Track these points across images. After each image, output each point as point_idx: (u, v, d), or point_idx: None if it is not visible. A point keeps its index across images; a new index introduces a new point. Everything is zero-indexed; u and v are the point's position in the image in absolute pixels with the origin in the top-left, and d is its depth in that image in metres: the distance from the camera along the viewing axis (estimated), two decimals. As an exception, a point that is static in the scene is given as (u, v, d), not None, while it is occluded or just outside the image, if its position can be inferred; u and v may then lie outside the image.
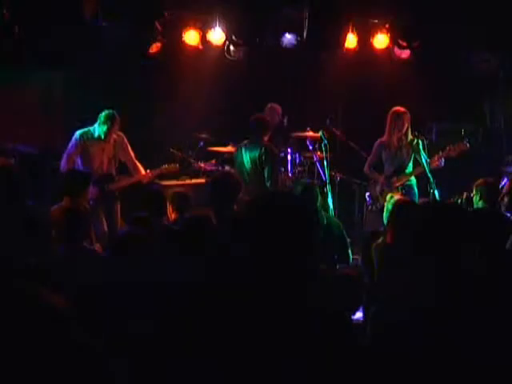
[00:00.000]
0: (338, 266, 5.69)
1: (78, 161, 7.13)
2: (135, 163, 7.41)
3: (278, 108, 8.90)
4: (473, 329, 2.96)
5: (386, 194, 7.41)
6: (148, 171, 7.40)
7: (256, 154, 7.21)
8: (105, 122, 7.08)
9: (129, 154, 7.37)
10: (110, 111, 7.11)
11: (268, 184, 7.07)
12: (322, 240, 5.54)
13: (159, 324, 3.24)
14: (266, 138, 7.44)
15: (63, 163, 7.10)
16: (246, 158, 7.37)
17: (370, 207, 7.71)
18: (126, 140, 7.36)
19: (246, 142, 7.43)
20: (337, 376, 2.38)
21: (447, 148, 7.33)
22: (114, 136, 7.21)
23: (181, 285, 3.95)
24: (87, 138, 7.14)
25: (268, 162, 7.11)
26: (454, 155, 7.29)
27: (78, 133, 7.18)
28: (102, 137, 7.11)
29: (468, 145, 7.33)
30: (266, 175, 7.09)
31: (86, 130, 7.21)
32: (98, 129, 7.12)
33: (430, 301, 3.03)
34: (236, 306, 2.35)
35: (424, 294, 3.07)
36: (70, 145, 7.16)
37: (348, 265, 5.92)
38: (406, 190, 7.33)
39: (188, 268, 4.04)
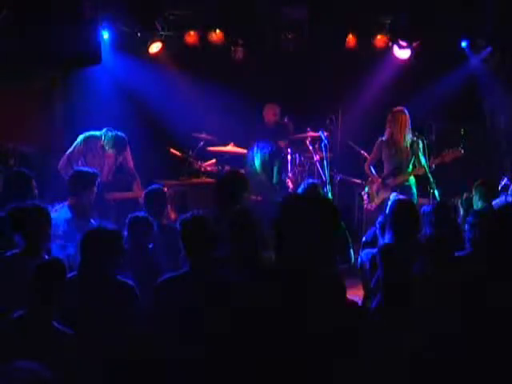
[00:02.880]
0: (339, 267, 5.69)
1: (79, 164, 7.07)
2: (134, 174, 7.32)
3: (276, 108, 8.90)
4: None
5: (382, 194, 7.45)
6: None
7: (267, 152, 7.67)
8: (113, 147, 7.03)
9: (129, 162, 7.30)
10: (122, 138, 7.04)
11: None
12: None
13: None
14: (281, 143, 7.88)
15: (62, 163, 7.06)
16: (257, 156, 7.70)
17: (366, 205, 7.72)
18: (128, 149, 7.28)
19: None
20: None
21: (442, 153, 7.31)
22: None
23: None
24: (91, 146, 7.08)
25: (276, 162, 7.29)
26: (448, 161, 7.28)
27: (82, 137, 7.11)
28: (107, 151, 7.08)
29: (462, 151, 7.31)
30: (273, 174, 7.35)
31: (91, 135, 7.11)
32: (105, 143, 7.05)
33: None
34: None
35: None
36: (72, 147, 7.09)
37: (350, 265, 5.91)
38: (404, 190, 7.33)
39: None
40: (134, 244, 4.77)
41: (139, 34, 8.72)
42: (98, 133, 7.10)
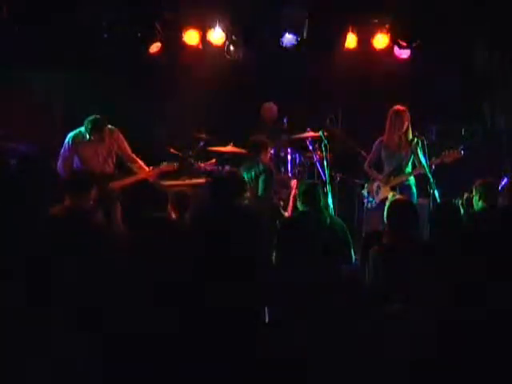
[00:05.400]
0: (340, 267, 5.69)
1: (76, 162, 7.15)
2: (133, 158, 7.38)
3: (274, 106, 8.91)
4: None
5: (382, 193, 7.45)
6: (150, 168, 7.41)
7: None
8: (89, 129, 7.08)
9: (125, 148, 7.35)
10: (93, 118, 7.08)
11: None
12: (325, 240, 5.55)
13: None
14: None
15: (60, 166, 7.15)
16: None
17: (366, 204, 7.73)
18: (120, 135, 7.33)
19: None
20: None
21: (442, 154, 7.30)
22: (107, 132, 7.18)
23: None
24: (78, 141, 7.15)
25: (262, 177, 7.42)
26: (448, 162, 7.28)
27: (69, 136, 7.21)
28: (90, 140, 7.13)
29: (462, 152, 7.31)
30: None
31: (76, 132, 7.20)
32: (86, 131, 7.12)
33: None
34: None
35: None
36: (63, 148, 7.21)
37: (351, 265, 5.91)
38: (404, 190, 7.33)
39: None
40: None
41: (139, 34, 8.72)
42: (82, 128, 7.17)
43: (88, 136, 7.09)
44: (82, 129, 7.16)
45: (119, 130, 7.39)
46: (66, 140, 7.20)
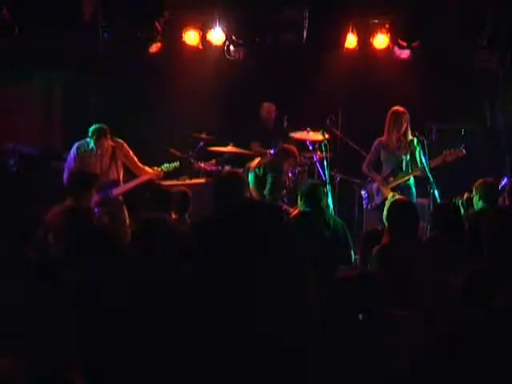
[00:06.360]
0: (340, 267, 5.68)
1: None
2: (140, 166, 7.51)
3: (273, 106, 8.92)
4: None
5: (382, 193, 7.45)
6: (154, 169, 7.50)
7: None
8: (92, 137, 7.19)
9: (131, 158, 7.48)
10: (96, 126, 7.19)
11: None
12: (327, 240, 5.54)
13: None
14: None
15: (65, 176, 7.18)
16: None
17: (366, 205, 7.73)
18: (125, 146, 7.47)
19: None
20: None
21: (444, 153, 7.30)
22: (110, 143, 7.28)
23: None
24: (84, 150, 7.27)
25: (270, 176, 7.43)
26: (450, 161, 7.28)
27: (75, 146, 7.32)
28: (94, 149, 7.20)
29: (464, 151, 7.31)
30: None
31: (82, 141, 7.32)
32: (89, 140, 7.24)
33: None
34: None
35: None
36: (69, 158, 7.31)
37: (351, 265, 5.91)
38: (404, 190, 7.33)
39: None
40: None
41: (139, 34, 8.72)
42: (87, 138, 7.28)
43: (92, 145, 7.16)
44: (88, 139, 7.26)
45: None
46: (72, 150, 7.33)
